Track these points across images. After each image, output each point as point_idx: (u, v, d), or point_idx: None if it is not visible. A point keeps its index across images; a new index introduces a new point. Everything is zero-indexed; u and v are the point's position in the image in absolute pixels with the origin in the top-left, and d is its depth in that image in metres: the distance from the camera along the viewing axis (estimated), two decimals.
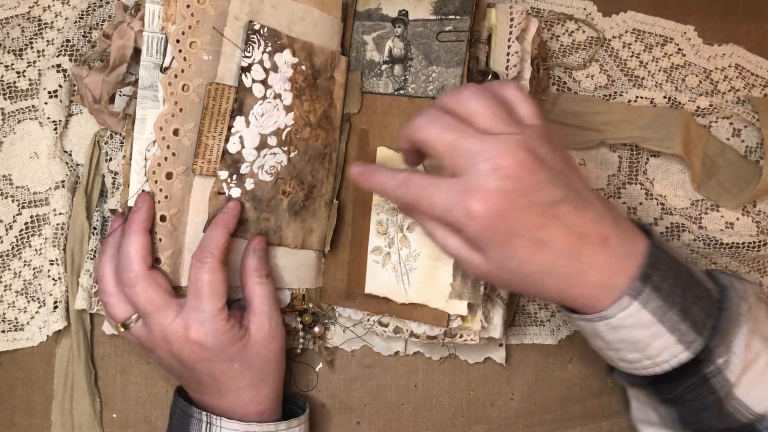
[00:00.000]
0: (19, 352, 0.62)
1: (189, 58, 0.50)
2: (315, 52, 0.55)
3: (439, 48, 0.54)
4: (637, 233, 0.46)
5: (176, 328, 0.49)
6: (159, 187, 0.50)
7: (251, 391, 0.52)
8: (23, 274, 0.61)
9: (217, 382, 0.51)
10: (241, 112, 0.52)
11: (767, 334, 0.46)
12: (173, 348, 0.49)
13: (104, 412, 0.61)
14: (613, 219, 0.45)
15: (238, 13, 0.51)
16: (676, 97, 0.61)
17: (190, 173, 0.51)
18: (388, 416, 0.62)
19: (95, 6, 0.62)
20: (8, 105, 0.62)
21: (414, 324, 0.56)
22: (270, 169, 0.54)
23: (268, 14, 0.52)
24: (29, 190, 0.62)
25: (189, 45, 0.50)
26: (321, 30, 0.55)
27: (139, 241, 0.49)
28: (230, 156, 0.52)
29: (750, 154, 0.62)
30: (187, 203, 0.51)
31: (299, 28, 0.54)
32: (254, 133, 0.53)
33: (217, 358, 0.50)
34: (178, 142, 0.50)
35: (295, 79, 0.54)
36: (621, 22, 0.63)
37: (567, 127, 0.61)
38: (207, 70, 0.50)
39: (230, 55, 0.51)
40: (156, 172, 0.50)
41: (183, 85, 0.50)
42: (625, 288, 0.43)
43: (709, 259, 0.62)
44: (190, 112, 0.50)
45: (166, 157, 0.50)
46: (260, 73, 0.52)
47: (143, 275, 0.48)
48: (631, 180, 0.62)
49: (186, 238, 0.51)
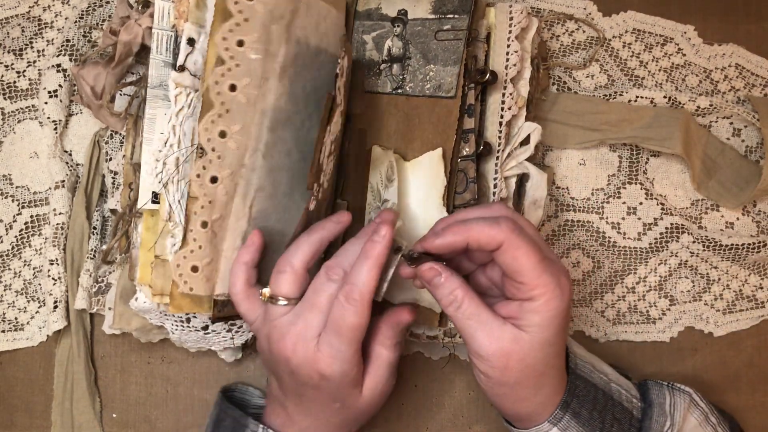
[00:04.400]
0: (19, 352, 0.62)
1: (236, 57, 0.47)
2: (349, 54, 0.53)
3: (437, 47, 0.54)
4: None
5: (308, 351, 0.46)
6: (203, 191, 0.48)
7: (335, 427, 0.51)
8: (23, 273, 0.61)
9: (311, 405, 0.50)
10: (329, 121, 0.49)
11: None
12: (294, 359, 0.47)
13: (104, 412, 0.61)
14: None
15: (284, 12, 0.48)
16: (676, 97, 0.61)
17: (235, 177, 0.48)
18: (388, 416, 0.62)
19: (95, 6, 0.62)
20: (8, 105, 0.62)
21: (413, 324, 0.56)
22: (329, 176, 0.51)
23: (303, 13, 0.50)
24: (29, 190, 0.62)
25: (236, 43, 0.47)
26: (337, 30, 0.55)
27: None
28: (318, 167, 0.49)
29: (750, 154, 0.62)
30: (229, 209, 0.49)
31: (323, 27, 0.52)
32: (328, 141, 0.50)
33: (328, 393, 0.48)
34: (224, 145, 0.47)
35: (346, 84, 0.52)
36: (621, 22, 0.63)
37: (567, 127, 0.61)
38: (254, 69, 0.48)
39: (274, 53, 0.48)
40: (200, 176, 0.47)
41: (230, 84, 0.47)
42: (547, 415, 0.47)
43: (708, 262, 0.62)
44: (237, 114, 0.47)
45: (210, 159, 0.47)
46: (340, 79, 0.50)
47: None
48: (631, 180, 0.62)
49: (224, 245, 0.49)
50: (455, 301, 0.45)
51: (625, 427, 0.48)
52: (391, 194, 0.54)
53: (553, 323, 0.44)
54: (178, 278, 0.48)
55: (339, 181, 0.58)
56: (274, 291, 0.48)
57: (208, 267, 0.49)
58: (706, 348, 0.62)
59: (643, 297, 0.62)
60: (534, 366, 0.45)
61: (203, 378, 0.62)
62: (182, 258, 0.48)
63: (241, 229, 0.50)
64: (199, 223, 0.48)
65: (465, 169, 0.54)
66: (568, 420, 0.47)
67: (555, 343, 0.45)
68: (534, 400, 0.47)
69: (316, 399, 0.49)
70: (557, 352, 0.46)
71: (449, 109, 0.53)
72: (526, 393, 0.46)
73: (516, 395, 0.47)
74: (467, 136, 0.54)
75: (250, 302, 0.49)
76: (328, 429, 0.51)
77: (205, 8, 0.50)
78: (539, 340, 0.44)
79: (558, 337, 0.45)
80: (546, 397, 0.47)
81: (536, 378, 0.46)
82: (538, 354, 0.45)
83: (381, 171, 0.55)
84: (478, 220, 0.44)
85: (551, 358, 0.46)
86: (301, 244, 0.48)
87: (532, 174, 0.57)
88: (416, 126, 0.54)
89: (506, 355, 0.44)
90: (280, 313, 0.47)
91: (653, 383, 0.53)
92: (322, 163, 0.49)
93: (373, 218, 0.53)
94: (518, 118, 0.56)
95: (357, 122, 0.57)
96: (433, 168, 0.53)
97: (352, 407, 0.49)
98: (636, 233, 0.62)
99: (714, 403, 0.55)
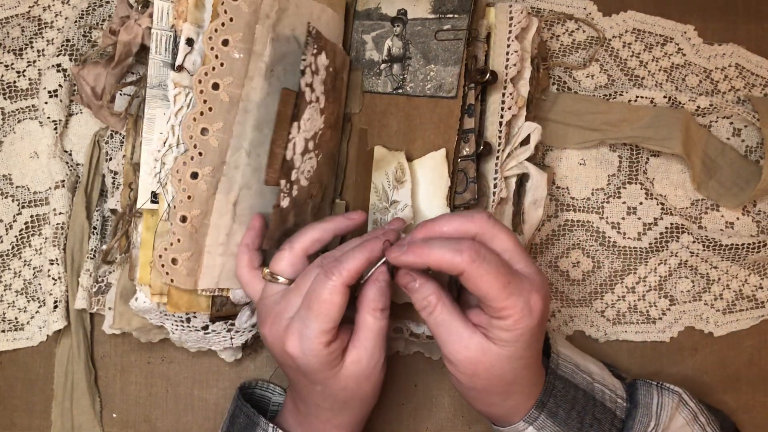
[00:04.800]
0: (19, 352, 0.62)
1: (221, 56, 0.48)
2: (337, 53, 0.53)
3: (437, 47, 0.54)
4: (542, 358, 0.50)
5: (280, 330, 0.47)
6: (182, 186, 0.48)
7: (329, 412, 0.50)
8: (23, 273, 0.61)
9: (300, 391, 0.50)
10: (297, 118, 0.49)
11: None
12: (268, 338, 0.48)
13: (104, 412, 0.61)
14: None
15: (269, 11, 0.50)
16: (676, 97, 0.61)
17: (217, 174, 0.49)
18: (388, 416, 0.62)
19: (95, 6, 0.62)
20: (8, 105, 0.62)
21: (414, 324, 0.56)
22: (308, 174, 0.52)
23: (293, 12, 0.51)
24: (29, 190, 0.62)
25: (221, 42, 0.48)
26: (332, 29, 0.55)
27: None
28: (286, 163, 0.49)
29: (750, 154, 0.62)
30: (211, 205, 0.50)
31: (317, 27, 0.53)
32: (302, 138, 0.50)
33: (302, 375, 0.47)
34: (205, 142, 0.49)
35: (326, 81, 0.52)
36: (621, 22, 0.63)
37: (567, 127, 0.61)
38: (238, 69, 0.49)
39: (260, 53, 0.50)
40: (180, 171, 0.48)
41: (213, 83, 0.48)
42: (522, 414, 0.48)
43: (708, 262, 0.62)
44: (219, 112, 0.49)
45: (192, 156, 0.48)
46: (309, 76, 0.50)
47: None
48: (631, 180, 0.62)
49: (207, 240, 0.50)
50: (428, 307, 0.46)
51: (605, 428, 0.49)
52: (401, 195, 0.54)
53: (521, 339, 0.45)
54: (160, 269, 0.49)
55: (337, 180, 0.58)
56: (272, 268, 0.49)
57: (189, 261, 0.50)
58: (706, 348, 0.62)
59: (643, 297, 0.62)
60: (501, 376, 0.46)
61: (203, 378, 0.62)
62: (163, 250, 0.49)
63: (226, 225, 0.50)
64: (179, 217, 0.49)
65: (465, 169, 0.54)
66: (543, 419, 0.48)
67: (524, 357, 0.46)
68: (504, 405, 0.48)
69: (300, 380, 0.49)
70: (527, 365, 0.46)
71: (450, 110, 0.53)
72: (495, 399, 0.47)
73: (485, 400, 0.48)
74: (467, 136, 0.54)
75: (254, 283, 0.50)
76: (326, 417, 0.50)
77: (203, 9, 0.50)
78: (507, 354, 0.45)
79: (527, 351, 0.46)
80: (517, 403, 0.48)
81: (504, 386, 0.47)
82: (505, 366, 0.45)
83: (387, 172, 0.55)
84: (441, 246, 0.44)
85: (520, 370, 0.46)
86: (307, 229, 0.49)
87: (532, 174, 0.57)
88: (417, 126, 0.54)
89: (474, 363, 0.45)
90: (273, 292, 0.48)
91: (642, 383, 0.54)
92: (292, 160, 0.49)
93: (381, 222, 0.54)
94: (518, 118, 0.56)
95: (357, 122, 0.57)
96: (436, 168, 0.53)
97: (334, 388, 0.47)
98: (636, 233, 0.62)
99: (707, 403, 0.55)
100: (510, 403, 0.48)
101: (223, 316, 0.53)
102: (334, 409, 0.49)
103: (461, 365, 0.46)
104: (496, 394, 0.47)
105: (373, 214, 0.55)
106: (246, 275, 0.50)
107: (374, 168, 0.55)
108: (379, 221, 0.55)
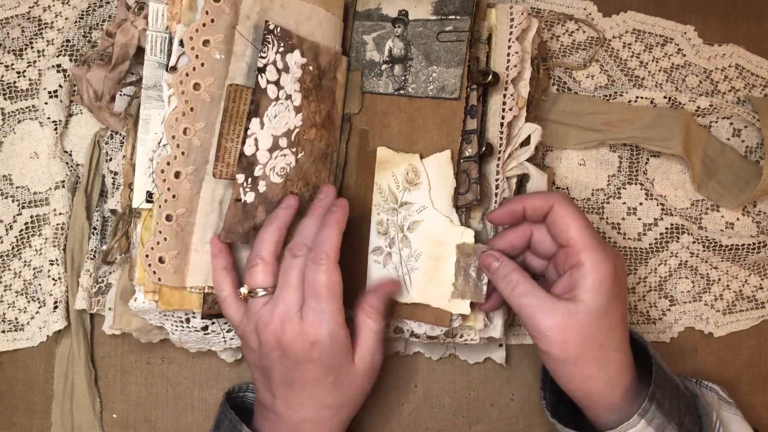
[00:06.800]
0: (19, 352, 0.62)
1: (201, 57, 0.49)
2: (321, 53, 0.54)
3: (439, 48, 0.54)
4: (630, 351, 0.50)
5: (295, 326, 0.48)
6: (167, 186, 0.49)
7: (330, 411, 0.51)
8: (23, 274, 0.61)
9: (304, 391, 0.50)
10: (256, 114, 0.50)
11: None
12: (285, 338, 0.48)
13: (104, 412, 0.61)
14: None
15: (249, 12, 0.50)
16: (677, 97, 0.61)
17: (200, 173, 0.50)
18: (388, 416, 0.62)
19: (95, 6, 0.62)
20: (8, 105, 0.62)
21: (414, 324, 0.56)
22: (280, 171, 0.53)
23: (277, 13, 0.52)
24: (29, 190, 0.62)
25: (202, 43, 0.49)
26: (326, 30, 0.55)
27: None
28: (246, 159, 0.50)
29: (750, 154, 0.62)
30: (195, 203, 0.50)
31: (306, 27, 0.53)
32: (267, 134, 0.51)
33: (321, 364, 0.49)
34: (187, 142, 0.49)
35: (304, 80, 0.53)
36: (621, 22, 0.63)
37: (567, 127, 0.61)
38: (219, 69, 0.50)
39: (241, 54, 0.50)
40: (164, 171, 0.49)
41: (194, 83, 0.49)
42: (621, 390, 0.48)
43: (708, 262, 0.62)
44: (201, 112, 0.49)
45: (175, 155, 0.49)
46: (274, 74, 0.51)
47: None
48: (632, 180, 0.62)
49: (193, 238, 0.51)
50: (511, 282, 0.48)
51: (693, 416, 0.49)
52: (416, 197, 0.54)
53: (603, 288, 0.46)
54: (147, 268, 0.50)
55: (336, 180, 0.58)
56: (250, 285, 0.50)
57: (176, 259, 0.50)
58: (706, 348, 0.62)
59: (643, 297, 0.62)
60: (593, 336, 0.46)
61: (203, 378, 0.62)
62: (150, 249, 0.50)
63: (212, 223, 0.51)
64: (164, 216, 0.49)
65: (467, 170, 0.54)
66: (654, 411, 0.47)
67: (608, 312, 0.46)
68: (600, 376, 0.48)
69: (311, 378, 0.49)
70: (612, 325, 0.47)
71: (453, 111, 0.53)
72: (591, 369, 0.47)
73: (581, 372, 0.47)
74: (469, 137, 0.54)
75: (236, 305, 0.51)
76: (326, 417, 0.51)
77: (196, 10, 0.50)
78: (593, 308, 0.46)
79: (610, 305, 0.46)
80: (613, 375, 0.48)
81: (596, 350, 0.47)
82: (594, 323, 0.46)
83: (395, 173, 0.55)
84: (533, 194, 0.50)
85: (608, 330, 0.47)
86: (263, 236, 0.51)
87: (532, 174, 0.57)
88: (420, 127, 0.54)
89: (563, 329, 0.46)
90: (261, 304, 0.50)
91: (685, 379, 0.55)
92: (254, 155, 0.51)
93: (388, 222, 0.55)
94: (519, 118, 0.56)
95: (357, 122, 0.57)
96: (442, 170, 0.53)
97: (346, 380, 0.50)
98: (636, 234, 0.62)
99: None
100: (606, 376, 0.48)
101: (215, 314, 0.53)
102: (335, 406, 0.51)
103: (552, 333, 0.46)
104: (591, 361, 0.47)
105: (377, 215, 0.55)
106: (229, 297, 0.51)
107: (378, 169, 0.55)
108: (385, 221, 0.55)
